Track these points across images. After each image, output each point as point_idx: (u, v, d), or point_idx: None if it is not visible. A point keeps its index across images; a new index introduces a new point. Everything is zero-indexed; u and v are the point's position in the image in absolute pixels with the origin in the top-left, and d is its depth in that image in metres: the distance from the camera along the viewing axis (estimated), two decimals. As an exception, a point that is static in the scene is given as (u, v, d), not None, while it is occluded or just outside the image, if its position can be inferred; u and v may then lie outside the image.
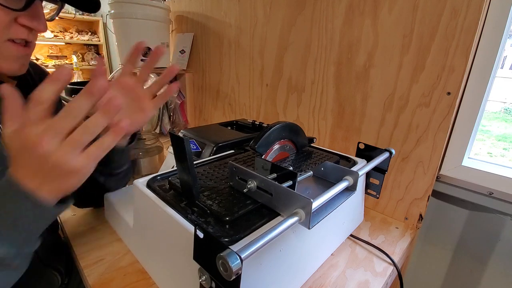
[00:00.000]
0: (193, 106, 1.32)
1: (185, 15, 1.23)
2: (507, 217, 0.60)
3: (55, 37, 2.97)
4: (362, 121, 0.70)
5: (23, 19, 0.38)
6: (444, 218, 0.69)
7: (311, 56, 0.77)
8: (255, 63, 0.94)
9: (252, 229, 0.35)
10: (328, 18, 0.71)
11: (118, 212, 0.54)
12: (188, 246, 0.31)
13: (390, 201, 0.69)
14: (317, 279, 0.48)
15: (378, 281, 0.49)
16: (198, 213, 0.37)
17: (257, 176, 0.38)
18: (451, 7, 0.52)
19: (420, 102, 0.60)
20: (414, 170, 0.63)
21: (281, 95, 0.88)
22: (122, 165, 0.54)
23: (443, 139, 0.58)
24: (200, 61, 1.21)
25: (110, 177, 0.54)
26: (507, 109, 1.38)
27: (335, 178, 0.45)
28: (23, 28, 0.39)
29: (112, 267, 0.49)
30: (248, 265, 0.28)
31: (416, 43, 0.58)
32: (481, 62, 0.56)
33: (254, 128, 0.79)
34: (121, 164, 0.54)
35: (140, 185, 0.45)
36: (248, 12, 0.92)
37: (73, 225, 0.60)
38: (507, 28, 0.53)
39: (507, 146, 1.07)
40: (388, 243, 0.59)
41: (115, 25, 1.14)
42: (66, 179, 0.32)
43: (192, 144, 0.63)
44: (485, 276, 0.65)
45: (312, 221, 0.32)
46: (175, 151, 0.37)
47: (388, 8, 0.60)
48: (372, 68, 0.66)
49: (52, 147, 0.30)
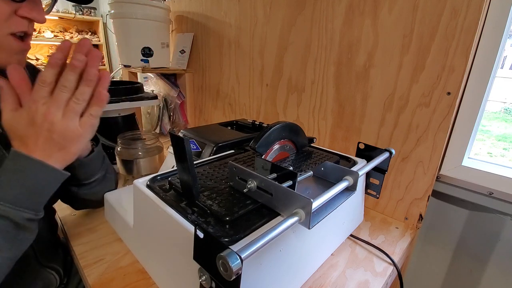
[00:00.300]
0: (193, 106, 1.32)
1: (185, 15, 1.23)
2: (507, 217, 0.60)
3: (55, 37, 2.97)
4: (362, 121, 0.70)
5: (23, 10, 0.39)
6: (444, 218, 0.69)
7: (311, 56, 0.77)
8: (255, 63, 0.94)
9: (252, 229, 0.34)
10: (328, 18, 0.71)
11: (118, 212, 0.54)
12: (188, 246, 0.31)
13: (390, 201, 0.69)
14: (317, 279, 0.48)
15: (378, 281, 0.49)
16: (198, 213, 0.37)
17: (257, 176, 0.38)
18: (451, 7, 0.52)
19: (420, 102, 0.60)
20: (414, 170, 0.63)
21: (281, 95, 0.88)
22: (91, 175, 0.53)
23: (443, 139, 0.58)
24: (200, 61, 1.21)
25: (82, 186, 0.53)
26: (507, 109, 1.38)
27: (335, 178, 0.45)
28: (23, 20, 0.40)
29: (112, 267, 0.49)
30: (248, 265, 0.28)
31: (416, 43, 0.58)
32: (481, 62, 0.56)
33: (254, 128, 0.79)
34: (90, 174, 0.52)
35: (140, 185, 0.45)
36: (248, 12, 0.92)
37: (73, 225, 0.60)
38: (507, 28, 0.53)
39: (507, 146, 1.07)
40: (388, 243, 0.59)
41: (115, 25, 1.14)
42: (70, 144, 0.39)
43: (192, 144, 0.63)
44: (485, 276, 0.65)
45: (312, 221, 0.32)
46: (175, 151, 0.37)
47: (388, 8, 0.60)
48: (372, 68, 0.66)
49: (58, 117, 0.37)
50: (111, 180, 0.59)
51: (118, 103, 0.81)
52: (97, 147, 0.52)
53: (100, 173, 0.54)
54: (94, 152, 0.51)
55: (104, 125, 0.84)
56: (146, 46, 1.14)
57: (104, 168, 0.55)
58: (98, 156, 0.53)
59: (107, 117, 0.84)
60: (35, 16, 0.40)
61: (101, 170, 0.54)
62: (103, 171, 0.55)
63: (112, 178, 0.60)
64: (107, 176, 0.57)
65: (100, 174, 0.54)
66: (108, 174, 0.57)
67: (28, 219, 0.37)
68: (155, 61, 1.17)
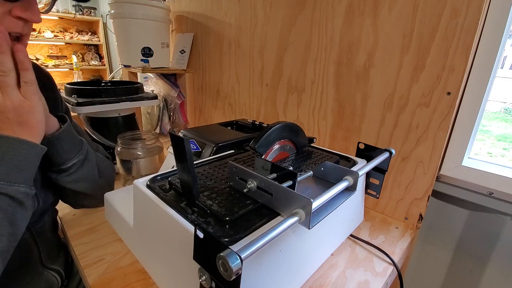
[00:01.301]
0: (193, 106, 1.32)
1: (185, 15, 1.23)
2: (507, 217, 0.60)
3: (55, 37, 2.97)
4: (362, 121, 0.70)
5: (16, 10, 0.38)
6: (444, 218, 0.69)
7: (311, 56, 0.77)
8: (255, 63, 0.94)
9: (252, 229, 0.34)
10: (328, 18, 0.71)
11: (118, 212, 0.54)
12: (188, 246, 0.31)
13: (390, 201, 0.69)
14: (317, 279, 0.48)
15: (378, 281, 0.49)
16: (198, 213, 0.37)
17: (257, 176, 0.38)
18: (451, 7, 0.52)
19: (420, 102, 0.60)
20: (414, 170, 0.63)
21: (281, 95, 0.88)
22: (67, 159, 0.50)
23: (443, 139, 0.58)
24: (200, 61, 1.21)
25: (60, 173, 0.50)
26: (507, 109, 1.38)
27: (335, 178, 0.45)
28: (18, 20, 0.39)
29: (112, 267, 0.49)
30: (248, 265, 0.28)
31: (416, 43, 0.58)
32: (481, 62, 0.56)
33: (254, 128, 0.79)
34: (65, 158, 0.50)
35: (140, 185, 0.45)
36: (248, 12, 0.92)
37: (73, 225, 0.60)
38: (507, 28, 0.53)
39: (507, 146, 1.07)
40: (388, 243, 0.59)
41: (115, 25, 1.14)
42: (27, 118, 0.39)
43: (192, 144, 0.63)
44: (485, 276, 0.65)
45: (312, 221, 0.32)
46: (175, 151, 0.37)
47: (388, 8, 0.60)
48: (372, 68, 0.66)
49: None
50: (93, 167, 0.56)
51: (118, 103, 0.81)
52: (65, 125, 0.49)
53: (77, 158, 0.51)
54: (61, 128, 0.48)
55: (104, 125, 0.85)
56: (146, 46, 1.14)
57: (83, 154, 0.53)
58: (68, 136, 0.50)
59: (107, 117, 0.84)
60: (30, 16, 0.39)
61: (78, 155, 0.52)
62: (81, 156, 0.52)
63: (94, 166, 0.57)
64: (86, 163, 0.54)
65: (78, 159, 0.51)
66: (88, 162, 0.54)
67: (24, 193, 0.39)
68: (155, 61, 1.17)
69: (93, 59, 3.28)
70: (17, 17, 0.38)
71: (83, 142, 0.54)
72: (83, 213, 0.64)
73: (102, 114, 0.83)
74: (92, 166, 0.56)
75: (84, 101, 0.75)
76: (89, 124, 0.82)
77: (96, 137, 0.80)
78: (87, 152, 0.54)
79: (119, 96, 0.82)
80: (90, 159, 0.56)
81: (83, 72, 3.02)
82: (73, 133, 0.52)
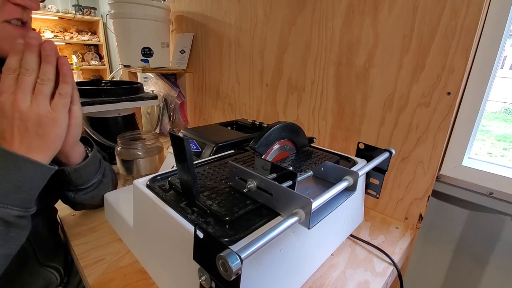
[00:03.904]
0: (193, 106, 1.32)
1: (185, 15, 1.23)
2: (507, 217, 0.60)
3: (55, 37, 2.97)
4: (362, 121, 0.70)
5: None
6: (444, 218, 0.69)
7: (311, 56, 0.77)
8: (255, 63, 0.94)
9: (252, 229, 0.34)
10: (328, 18, 0.71)
11: (118, 212, 0.54)
12: (188, 246, 0.31)
13: (390, 201, 0.69)
14: (317, 279, 0.48)
15: (378, 281, 0.49)
16: (198, 213, 0.37)
17: (257, 176, 0.38)
18: (451, 7, 0.52)
19: (420, 102, 0.60)
20: (414, 170, 0.63)
21: (281, 95, 0.88)
22: (87, 180, 0.52)
23: (443, 139, 0.58)
24: (200, 61, 1.21)
25: (78, 191, 0.52)
26: (507, 109, 1.37)
27: (335, 178, 0.45)
28: (17, 7, 0.40)
29: (112, 267, 0.49)
30: (248, 265, 0.28)
31: (416, 43, 0.58)
32: (481, 62, 0.56)
33: (254, 128, 0.79)
34: (86, 180, 0.52)
35: (140, 185, 0.45)
36: (248, 12, 0.92)
37: (73, 225, 0.60)
38: (507, 28, 0.53)
39: (507, 146, 1.07)
40: (388, 243, 0.59)
41: (115, 25, 1.14)
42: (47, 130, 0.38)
43: (192, 144, 0.63)
44: (485, 276, 0.65)
45: (312, 221, 0.32)
46: (175, 151, 0.37)
47: (388, 8, 0.60)
48: (372, 68, 0.66)
49: (26, 104, 0.36)
50: (108, 183, 0.59)
51: (118, 103, 0.81)
52: (92, 152, 0.52)
53: (96, 177, 0.54)
54: (88, 157, 0.50)
55: (104, 125, 0.85)
56: (146, 46, 1.14)
57: (101, 172, 0.55)
58: (93, 161, 0.52)
59: (107, 117, 0.84)
60: (28, 3, 0.40)
61: (97, 174, 0.54)
62: (100, 175, 0.55)
63: (109, 182, 0.59)
64: (103, 180, 0.56)
65: (97, 179, 0.54)
66: (105, 179, 0.57)
67: (17, 216, 0.36)
68: (155, 61, 1.17)
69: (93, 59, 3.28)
70: (16, 4, 0.40)
71: (101, 160, 0.56)
72: (83, 213, 0.64)
73: (102, 114, 0.83)
74: (107, 181, 0.58)
75: (84, 101, 0.75)
76: (89, 124, 0.82)
77: (96, 137, 0.80)
78: (104, 169, 0.56)
79: (119, 96, 0.82)
80: (106, 175, 0.58)
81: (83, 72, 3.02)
82: (96, 156, 0.53)
